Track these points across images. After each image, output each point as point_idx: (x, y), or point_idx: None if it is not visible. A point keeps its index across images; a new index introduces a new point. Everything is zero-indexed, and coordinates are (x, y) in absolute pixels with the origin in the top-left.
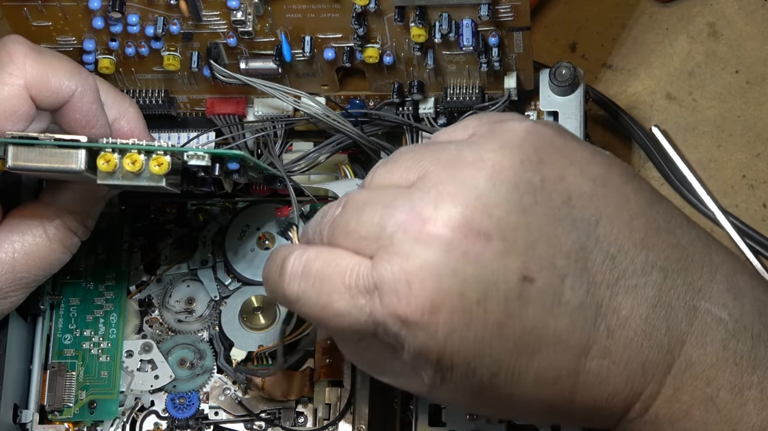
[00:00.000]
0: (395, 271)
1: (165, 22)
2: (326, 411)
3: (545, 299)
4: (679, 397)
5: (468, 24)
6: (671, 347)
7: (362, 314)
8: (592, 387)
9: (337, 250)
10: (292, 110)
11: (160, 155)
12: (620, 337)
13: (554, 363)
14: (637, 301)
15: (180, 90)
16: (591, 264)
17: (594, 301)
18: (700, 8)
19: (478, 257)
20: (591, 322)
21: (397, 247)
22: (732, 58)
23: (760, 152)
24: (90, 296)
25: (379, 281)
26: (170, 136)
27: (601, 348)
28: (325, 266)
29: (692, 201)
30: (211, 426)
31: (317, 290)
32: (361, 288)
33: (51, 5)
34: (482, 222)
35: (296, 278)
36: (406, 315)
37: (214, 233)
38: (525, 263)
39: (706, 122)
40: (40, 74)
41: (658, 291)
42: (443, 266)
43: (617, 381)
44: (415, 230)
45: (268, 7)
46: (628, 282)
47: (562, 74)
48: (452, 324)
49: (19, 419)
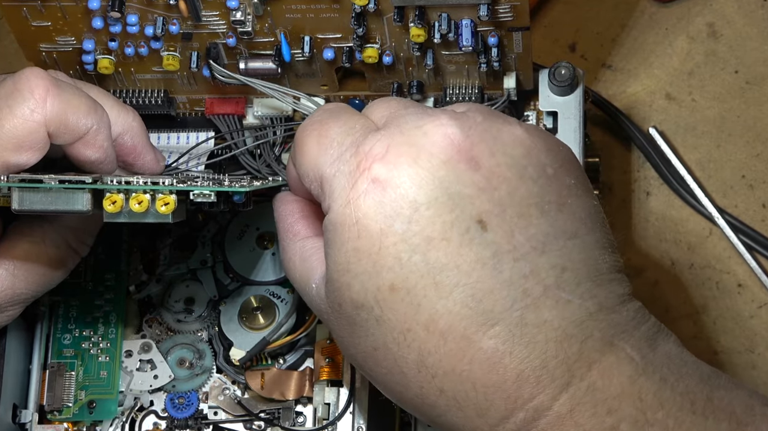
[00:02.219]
0: (387, 135)
1: (164, 22)
2: (326, 411)
3: (484, 251)
4: (575, 418)
5: (467, 24)
6: (576, 367)
7: (338, 147)
8: (478, 366)
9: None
10: (291, 110)
11: (165, 195)
12: (529, 333)
13: (455, 314)
14: (563, 314)
15: (179, 90)
16: (541, 262)
17: (523, 289)
18: (699, 8)
19: (456, 173)
20: (510, 302)
21: (403, 123)
22: (732, 59)
23: (760, 152)
24: (89, 297)
25: (370, 134)
26: (170, 136)
27: (505, 331)
28: (351, 109)
29: (690, 202)
30: (210, 425)
31: (329, 113)
32: (357, 132)
33: (50, 5)
34: (483, 154)
35: (323, 108)
36: (364, 169)
37: (214, 233)
38: (490, 212)
39: (706, 122)
40: (59, 112)
41: (586, 317)
42: (424, 157)
43: (507, 373)
44: (425, 121)
45: (267, 7)
46: (564, 296)
47: (561, 74)
48: (393, 207)
49: (19, 419)
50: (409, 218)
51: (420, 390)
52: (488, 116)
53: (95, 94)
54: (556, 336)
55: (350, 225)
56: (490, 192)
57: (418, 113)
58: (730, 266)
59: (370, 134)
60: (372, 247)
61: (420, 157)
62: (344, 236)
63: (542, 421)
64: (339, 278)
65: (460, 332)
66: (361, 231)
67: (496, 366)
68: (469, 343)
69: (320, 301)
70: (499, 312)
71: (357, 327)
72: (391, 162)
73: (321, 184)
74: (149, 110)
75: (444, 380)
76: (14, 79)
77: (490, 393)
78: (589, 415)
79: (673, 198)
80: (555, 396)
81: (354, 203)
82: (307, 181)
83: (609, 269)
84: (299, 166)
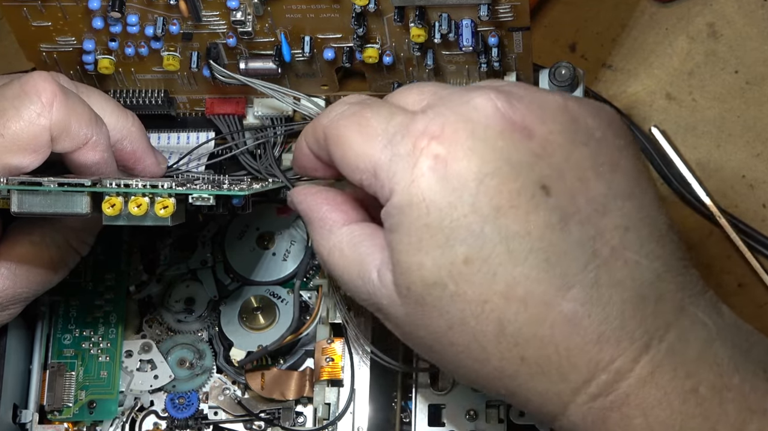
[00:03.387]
0: (437, 114)
1: (165, 22)
2: (326, 411)
3: (552, 215)
4: (656, 380)
5: (467, 24)
6: (653, 329)
7: (384, 131)
8: (559, 328)
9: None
10: (291, 110)
11: (164, 198)
12: (605, 294)
13: (532, 280)
14: (633, 275)
15: (179, 90)
16: (604, 223)
17: (593, 249)
18: (699, 8)
19: (513, 142)
20: (583, 264)
21: (450, 101)
22: (732, 59)
23: (760, 152)
24: (89, 297)
25: (418, 115)
26: (170, 136)
27: (583, 293)
28: (381, 102)
29: (691, 202)
30: (210, 426)
31: (362, 106)
32: (398, 120)
33: (51, 5)
34: (534, 123)
35: (349, 101)
36: (423, 147)
37: (214, 233)
38: (550, 177)
39: (706, 122)
40: (64, 119)
41: (655, 278)
42: (480, 129)
43: (588, 335)
44: (473, 95)
45: (267, 7)
46: (632, 256)
47: (561, 74)
48: (459, 181)
49: (19, 419)
50: (477, 190)
51: (500, 362)
52: (528, 88)
53: (95, 97)
54: (630, 296)
55: (418, 203)
56: (547, 159)
57: (462, 90)
58: (730, 266)
59: (417, 115)
60: (443, 221)
61: (476, 130)
62: (413, 215)
63: (624, 383)
64: (409, 259)
65: (539, 296)
66: (430, 207)
67: (576, 328)
68: (548, 307)
69: (382, 288)
70: (574, 274)
71: (429, 308)
72: (449, 138)
73: (375, 172)
74: (149, 110)
75: (526, 347)
76: (22, 82)
77: (572, 355)
78: (670, 378)
79: (673, 198)
80: (636, 358)
81: (418, 181)
82: (357, 173)
83: (667, 230)
84: (342, 161)
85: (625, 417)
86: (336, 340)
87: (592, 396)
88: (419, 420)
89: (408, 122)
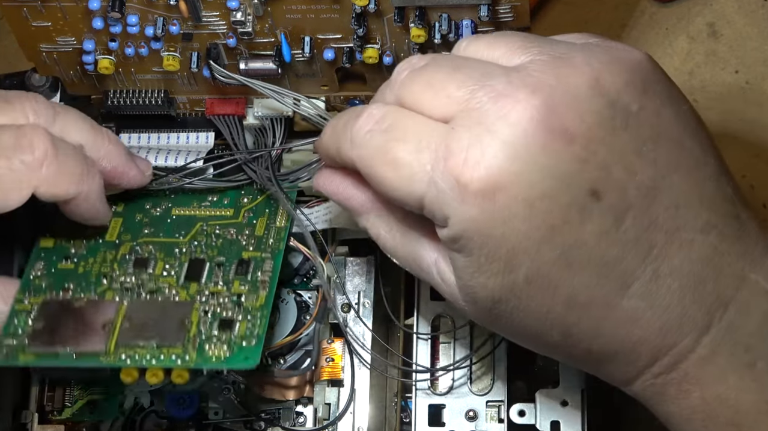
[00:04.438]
0: (472, 137)
1: (165, 22)
2: (326, 411)
3: (605, 220)
4: (714, 360)
5: (468, 24)
6: (713, 308)
7: (421, 168)
8: (622, 325)
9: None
10: (291, 111)
11: (181, 371)
12: (664, 284)
13: (592, 287)
14: (690, 256)
15: (179, 90)
16: (656, 206)
17: (649, 241)
18: (700, 8)
19: (556, 153)
20: (640, 259)
21: (482, 116)
22: (732, 58)
23: (760, 152)
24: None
25: (452, 142)
26: (170, 136)
27: (642, 288)
28: (402, 117)
29: None
30: (210, 426)
31: (387, 136)
32: (431, 145)
33: (51, 5)
34: (572, 123)
35: (370, 122)
36: (467, 183)
37: None
38: (598, 179)
39: (706, 122)
40: (53, 179)
41: (712, 252)
42: (521, 149)
43: (651, 326)
44: (506, 107)
45: (267, 7)
46: (686, 235)
47: None
48: (509, 210)
49: (19, 419)
50: (528, 215)
51: (568, 356)
52: (553, 69)
53: (72, 118)
54: (689, 281)
55: (472, 237)
56: (592, 159)
57: (489, 96)
58: None
59: (450, 141)
60: (499, 251)
61: (518, 153)
62: (469, 247)
63: (684, 364)
64: (472, 282)
65: (600, 300)
66: (486, 240)
67: (639, 321)
68: (610, 308)
69: (445, 287)
70: (633, 272)
71: (496, 317)
72: (490, 167)
73: (422, 205)
74: (149, 110)
75: (591, 343)
76: (17, 134)
77: (637, 346)
78: (728, 355)
79: None
80: (697, 339)
81: (469, 215)
82: (403, 205)
83: (719, 188)
84: (384, 195)
85: (683, 392)
86: (336, 340)
87: (653, 374)
88: (419, 420)
89: (444, 154)
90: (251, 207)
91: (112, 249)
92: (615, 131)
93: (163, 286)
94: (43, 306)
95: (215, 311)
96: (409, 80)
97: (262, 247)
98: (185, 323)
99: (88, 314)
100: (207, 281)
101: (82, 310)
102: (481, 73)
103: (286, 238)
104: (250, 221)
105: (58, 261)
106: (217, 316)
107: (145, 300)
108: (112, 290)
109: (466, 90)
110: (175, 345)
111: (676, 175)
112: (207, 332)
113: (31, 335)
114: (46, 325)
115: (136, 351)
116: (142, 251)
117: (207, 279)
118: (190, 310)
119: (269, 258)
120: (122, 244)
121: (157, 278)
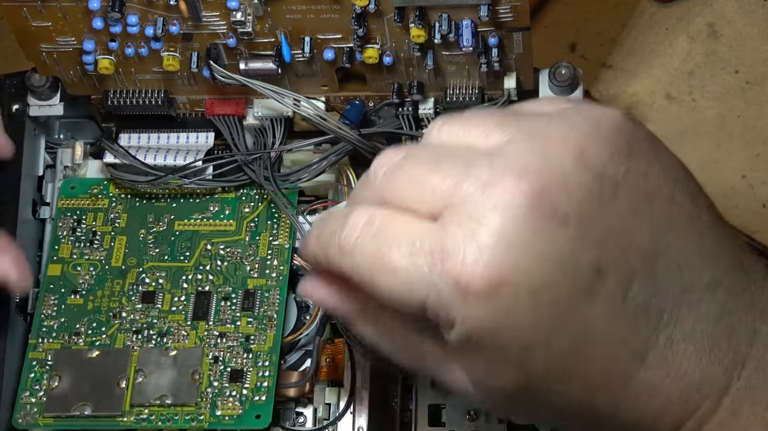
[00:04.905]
0: (465, 234)
1: (165, 22)
2: (326, 411)
3: (612, 296)
4: (737, 420)
5: (468, 24)
6: (730, 367)
7: (419, 274)
8: (642, 398)
9: (399, 209)
10: (291, 112)
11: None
12: (679, 350)
13: (608, 366)
14: (700, 316)
15: (179, 91)
16: (659, 268)
17: (657, 307)
18: (700, 8)
19: (552, 237)
20: (651, 329)
21: (471, 209)
22: (732, 58)
23: (760, 152)
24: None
25: (446, 242)
26: (170, 136)
27: (658, 357)
28: (390, 219)
29: None
30: None
31: (377, 242)
32: (425, 247)
33: (51, 5)
34: (562, 202)
35: (357, 228)
36: (468, 283)
37: None
38: (598, 256)
39: (706, 122)
40: None
41: (721, 310)
42: (516, 239)
43: (671, 394)
44: (494, 196)
45: (267, 7)
46: (693, 296)
47: (561, 74)
48: (515, 304)
49: None
50: (532, 309)
51: (593, 420)
52: (535, 148)
53: None
54: (703, 343)
55: (481, 337)
56: (588, 236)
57: (476, 186)
58: None
59: (444, 241)
60: (511, 347)
61: (513, 243)
62: (480, 347)
63: (706, 427)
64: (486, 382)
65: (618, 376)
66: (495, 338)
67: (658, 390)
68: (628, 381)
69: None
70: (646, 342)
71: (513, 409)
72: (489, 264)
73: (424, 308)
74: (149, 110)
75: (615, 413)
76: None
77: (658, 414)
78: (749, 413)
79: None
80: (717, 401)
81: (473, 316)
82: (403, 310)
83: (718, 239)
84: (385, 302)
85: None
86: (336, 340)
87: None
88: (419, 420)
89: (441, 255)
90: (253, 218)
91: (119, 278)
92: (606, 203)
93: (172, 326)
94: (58, 361)
95: (225, 357)
96: (389, 178)
97: (266, 272)
98: (196, 377)
99: (102, 368)
100: (215, 319)
101: (96, 364)
102: (463, 162)
103: (289, 259)
104: (254, 236)
105: (66, 295)
106: (227, 364)
107: (155, 348)
108: (122, 332)
109: (451, 182)
110: (188, 403)
111: (671, 232)
112: (219, 384)
113: (48, 396)
114: (61, 384)
115: (151, 410)
116: (149, 280)
117: (214, 317)
118: (200, 359)
119: (275, 287)
120: (128, 270)
121: (166, 317)
